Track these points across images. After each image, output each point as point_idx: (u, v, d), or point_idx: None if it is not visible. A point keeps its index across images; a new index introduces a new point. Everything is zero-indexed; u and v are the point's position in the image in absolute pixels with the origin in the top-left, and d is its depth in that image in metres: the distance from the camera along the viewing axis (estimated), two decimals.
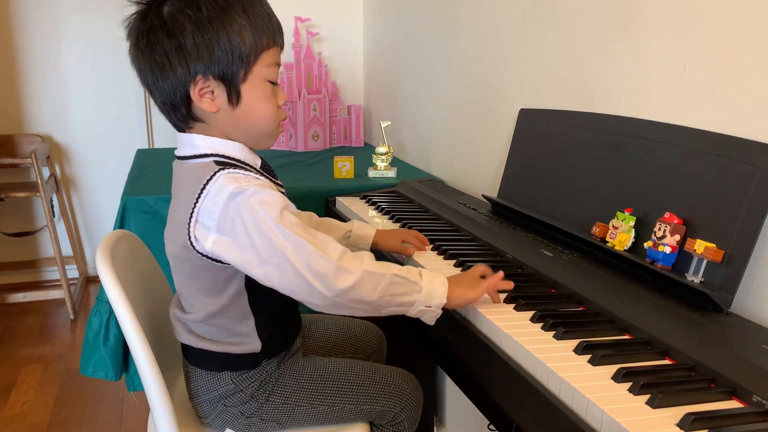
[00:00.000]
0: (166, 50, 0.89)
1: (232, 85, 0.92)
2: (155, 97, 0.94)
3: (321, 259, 0.86)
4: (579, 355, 0.78)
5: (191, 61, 0.89)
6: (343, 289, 0.86)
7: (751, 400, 0.68)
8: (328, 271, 0.86)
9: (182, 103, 0.92)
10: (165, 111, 0.96)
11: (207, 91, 0.91)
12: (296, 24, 2.56)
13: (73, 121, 3.22)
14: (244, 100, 0.93)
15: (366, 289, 0.88)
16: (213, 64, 0.90)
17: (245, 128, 0.95)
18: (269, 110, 0.96)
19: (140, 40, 0.91)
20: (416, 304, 0.92)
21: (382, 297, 0.89)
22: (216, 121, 0.94)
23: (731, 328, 0.83)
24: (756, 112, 0.92)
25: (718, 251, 0.90)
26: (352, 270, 0.87)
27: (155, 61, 0.90)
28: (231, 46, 0.89)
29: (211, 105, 0.92)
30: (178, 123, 0.96)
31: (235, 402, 1.02)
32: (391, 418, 1.10)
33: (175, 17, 0.88)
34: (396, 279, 0.90)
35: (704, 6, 1.00)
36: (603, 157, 1.18)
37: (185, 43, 0.88)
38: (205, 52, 0.89)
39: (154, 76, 0.91)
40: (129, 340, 0.95)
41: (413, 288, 0.91)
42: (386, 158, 1.96)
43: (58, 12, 3.10)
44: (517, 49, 1.56)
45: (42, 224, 3.20)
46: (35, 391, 2.28)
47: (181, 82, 0.90)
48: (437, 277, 0.94)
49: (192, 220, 0.90)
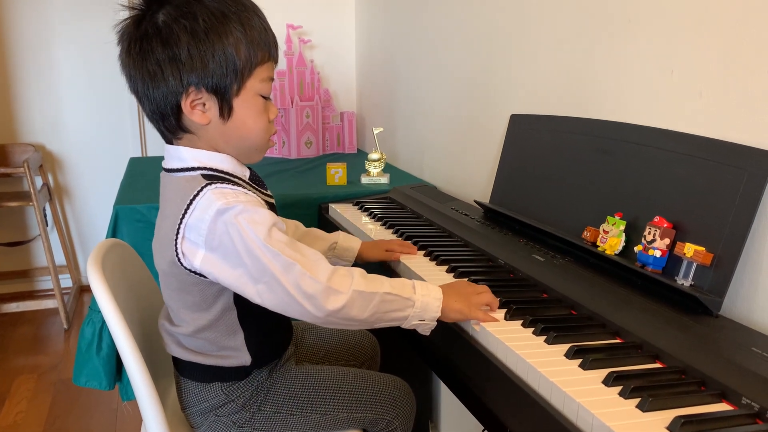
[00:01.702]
0: (159, 59, 0.87)
1: (225, 99, 0.91)
2: (144, 105, 0.93)
3: (310, 280, 0.85)
4: (570, 360, 0.79)
5: (185, 73, 0.88)
6: (332, 310, 0.86)
7: (740, 402, 0.68)
8: (317, 292, 0.85)
9: (172, 114, 0.91)
10: (154, 120, 0.94)
11: (198, 103, 0.90)
12: (288, 31, 2.56)
13: (66, 130, 3.22)
14: (236, 114, 0.92)
15: (356, 309, 0.88)
16: (207, 77, 0.88)
17: (235, 142, 0.94)
18: (260, 125, 0.95)
19: (132, 46, 0.89)
20: (410, 319, 0.92)
21: (374, 314, 0.89)
22: (206, 134, 0.93)
23: (721, 331, 0.84)
24: (743, 116, 0.93)
25: (708, 254, 0.90)
26: (342, 290, 0.87)
27: (147, 69, 0.88)
28: (226, 59, 0.88)
29: (202, 117, 0.91)
30: (167, 133, 0.95)
31: (226, 412, 1.02)
32: (384, 426, 1.09)
33: (170, 27, 0.87)
34: (387, 297, 0.89)
35: (691, 12, 1.01)
36: (593, 161, 1.18)
37: (179, 54, 0.87)
38: (199, 64, 0.87)
39: (145, 85, 0.90)
40: (121, 350, 0.94)
41: (406, 303, 0.91)
42: (379, 165, 1.96)
43: (50, 20, 3.09)
44: (508, 56, 1.57)
45: (35, 234, 3.19)
46: (28, 402, 2.27)
47: (173, 92, 0.89)
48: (432, 289, 0.93)
49: (179, 236, 0.89)
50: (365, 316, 0.89)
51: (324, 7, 2.75)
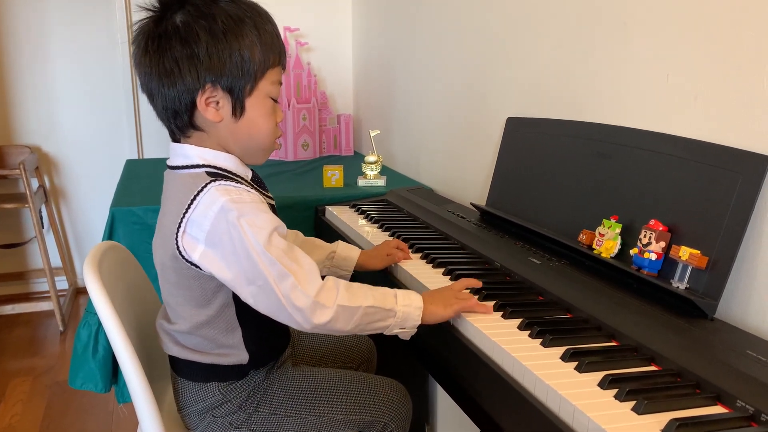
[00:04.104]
0: (177, 57, 0.90)
1: (238, 98, 0.93)
2: (156, 103, 0.94)
3: (300, 293, 0.88)
4: (566, 362, 0.79)
5: (202, 70, 0.90)
6: (318, 324, 0.90)
7: (735, 405, 0.69)
8: (306, 307, 0.88)
9: (185, 111, 0.93)
10: (164, 117, 0.96)
11: (213, 100, 0.92)
12: (285, 34, 2.57)
13: (62, 131, 3.21)
14: (247, 114, 0.95)
15: (341, 322, 0.91)
16: (223, 76, 0.91)
17: (244, 141, 0.96)
18: (269, 126, 0.97)
19: (150, 44, 0.91)
20: (391, 327, 0.96)
21: (357, 326, 0.93)
22: (216, 132, 0.95)
23: (716, 334, 0.84)
24: (738, 120, 0.93)
25: (703, 258, 0.90)
26: (328, 305, 0.90)
27: (164, 66, 0.91)
28: (242, 59, 0.91)
29: (215, 115, 0.93)
30: (176, 130, 0.97)
31: (223, 413, 1.02)
32: (380, 428, 1.09)
33: (190, 26, 0.90)
34: (369, 311, 0.93)
35: (686, 16, 1.02)
36: (589, 164, 1.19)
37: (198, 52, 0.89)
38: (217, 63, 0.90)
39: (161, 82, 0.92)
40: (117, 352, 0.95)
41: (387, 315, 0.94)
42: (376, 167, 1.97)
43: (46, 22, 3.09)
44: (504, 59, 1.57)
45: (31, 236, 3.18)
46: (24, 404, 2.26)
47: (189, 89, 0.91)
48: (414, 299, 0.96)
49: (180, 230, 0.90)
50: (349, 328, 0.93)
51: (321, 10, 2.76)
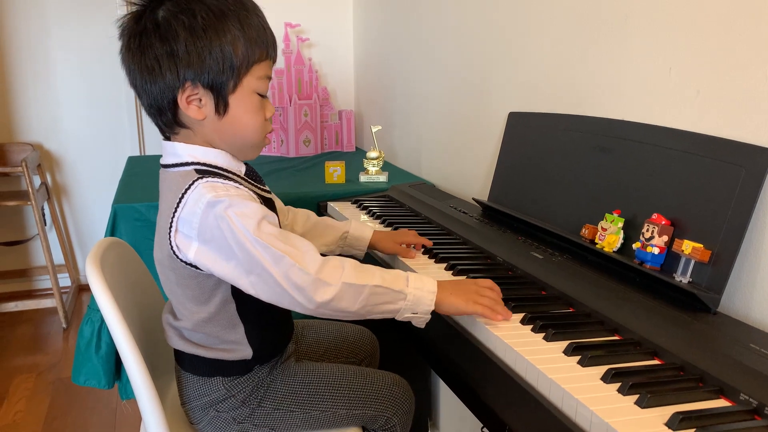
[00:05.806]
0: (157, 54, 0.89)
1: (221, 95, 0.92)
2: (142, 99, 0.94)
3: (299, 272, 0.86)
4: (569, 357, 0.79)
5: (181, 68, 0.89)
6: (322, 301, 0.87)
7: (738, 398, 0.69)
8: (307, 284, 0.86)
9: (169, 109, 0.93)
10: (151, 114, 0.96)
11: (194, 98, 0.92)
12: (286, 30, 2.56)
13: (64, 129, 3.21)
14: (232, 111, 0.93)
15: (346, 301, 0.88)
16: (203, 73, 0.90)
17: (230, 138, 0.96)
18: (256, 122, 0.96)
19: (132, 41, 0.91)
20: (402, 311, 0.92)
21: (364, 306, 0.90)
22: (201, 129, 0.95)
23: (719, 328, 0.84)
24: (741, 114, 0.93)
25: (706, 251, 0.90)
26: (331, 282, 0.87)
27: (145, 64, 0.90)
28: (223, 55, 0.90)
29: (197, 113, 0.92)
30: (164, 128, 0.97)
31: (226, 407, 1.02)
32: (383, 423, 1.10)
33: (169, 22, 0.88)
34: (377, 290, 0.90)
35: (689, 9, 1.02)
36: (591, 159, 1.19)
37: (177, 50, 0.88)
38: (196, 60, 0.89)
39: (143, 79, 0.91)
40: (120, 348, 0.95)
41: (397, 297, 0.91)
42: (377, 163, 1.96)
43: (47, 20, 3.09)
44: (505, 53, 1.57)
45: (33, 233, 3.19)
46: (27, 401, 2.27)
47: (170, 87, 0.90)
48: (426, 282, 0.93)
49: (172, 229, 0.90)
50: (356, 308, 0.89)
51: (322, 6, 2.75)
